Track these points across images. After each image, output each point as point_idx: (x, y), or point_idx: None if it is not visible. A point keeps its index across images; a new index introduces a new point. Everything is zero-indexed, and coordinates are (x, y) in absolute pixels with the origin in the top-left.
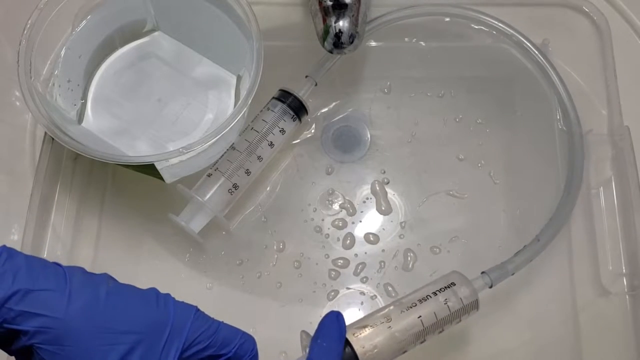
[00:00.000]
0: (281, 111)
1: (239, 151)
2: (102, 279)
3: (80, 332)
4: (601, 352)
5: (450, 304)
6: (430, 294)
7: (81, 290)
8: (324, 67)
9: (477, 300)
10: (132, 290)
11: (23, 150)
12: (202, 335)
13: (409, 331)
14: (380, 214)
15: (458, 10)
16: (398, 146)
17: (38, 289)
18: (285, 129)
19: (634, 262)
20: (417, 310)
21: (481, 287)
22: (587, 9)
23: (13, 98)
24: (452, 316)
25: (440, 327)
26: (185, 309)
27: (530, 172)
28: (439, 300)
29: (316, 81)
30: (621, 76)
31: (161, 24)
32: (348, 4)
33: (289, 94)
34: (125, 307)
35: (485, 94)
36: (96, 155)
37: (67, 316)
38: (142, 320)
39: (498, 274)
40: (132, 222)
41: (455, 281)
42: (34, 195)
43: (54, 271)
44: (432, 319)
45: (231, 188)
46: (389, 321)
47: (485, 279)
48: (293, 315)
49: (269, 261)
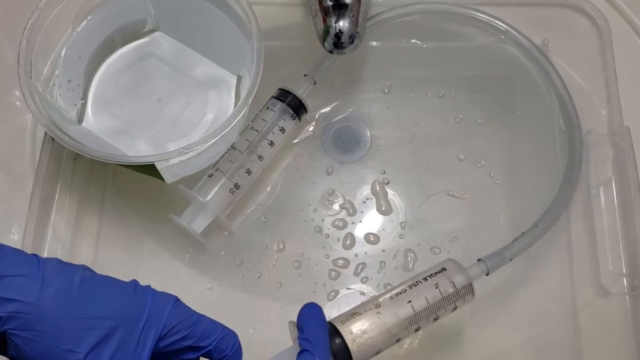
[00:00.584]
0: (281, 110)
1: (239, 151)
2: (77, 267)
3: (53, 318)
4: (601, 352)
5: (442, 288)
6: (420, 280)
7: (55, 276)
8: (323, 65)
9: (471, 284)
10: (109, 279)
11: (23, 150)
12: (181, 324)
13: (399, 317)
14: (381, 214)
15: (458, 9)
16: (398, 146)
17: (10, 274)
18: (285, 128)
19: (634, 262)
20: (407, 296)
21: (477, 274)
22: (587, 9)
23: (13, 98)
24: (445, 301)
25: (433, 313)
26: (164, 297)
27: (530, 172)
28: (429, 285)
29: (315, 80)
30: (621, 76)
31: (161, 24)
32: (348, 4)
33: (288, 93)
34: (101, 293)
35: (485, 94)
36: (96, 155)
37: (40, 301)
38: (118, 306)
39: (495, 261)
40: (132, 222)
41: (447, 267)
42: (34, 195)
43: (28, 259)
44: (424, 303)
45: (232, 188)
46: (377, 307)
47: (482, 266)
48: (293, 315)
49: (269, 261)
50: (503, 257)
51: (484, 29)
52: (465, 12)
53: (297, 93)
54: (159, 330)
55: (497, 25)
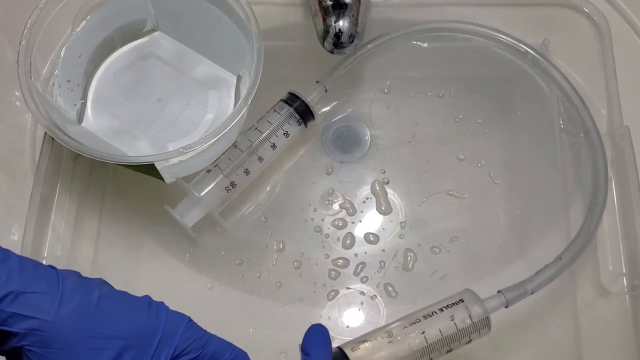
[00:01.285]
0: (287, 114)
1: (240, 150)
2: (95, 283)
3: (69, 336)
4: (601, 352)
5: (457, 320)
6: (436, 310)
7: (73, 294)
8: (336, 74)
9: (488, 318)
10: (124, 296)
11: (23, 150)
12: (193, 345)
13: (411, 347)
14: (380, 214)
15: (458, 25)
16: (398, 146)
17: (30, 291)
18: (289, 132)
19: (634, 262)
20: (420, 326)
21: (495, 306)
22: (587, 9)
23: (13, 98)
24: (459, 334)
25: (447, 346)
26: (177, 317)
27: (530, 172)
28: (444, 317)
29: (327, 87)
30: (621, 76)
31: (161, 24)
32: (348, 4)
33: (297, 98)
34: (117, 312)
35: (485, 94)
36: (96, 155)
37: (57, 319)
38: (132, 326)
39: (515, 294)
40: (132, 222)
41: (464, 298)
42: (34, 195)
43: (47, 273)
44: (437, 335)
45: (229, 186)
46: (390, 336)
47: (501, 298)
48: (293, 315)
49: (269, 261)
50: (524, 290)
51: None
52: (470, 28)
53: (307, 99)
54: (172, 350)
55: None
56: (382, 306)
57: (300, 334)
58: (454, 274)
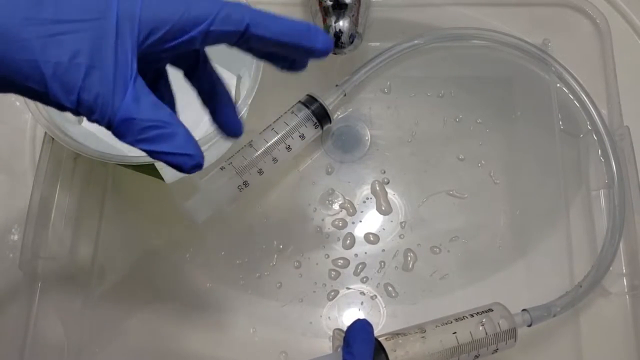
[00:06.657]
0: (304, 117)
1: (255, 149)
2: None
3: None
4: (601, 352)
5: (487, 326)
6: (467, 315)
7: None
8: (355, 79)
9: (514, 329)
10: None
11: (23, 150)
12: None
13: (443, 345)
14: (380, 214)
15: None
16: (398, 146)
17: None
18: (305, 135)
19: (634, 262)
20: (452, 327)
21: (519, 323)
22: (587, 9)
23: (13, 98)
24: (487, 340)
25: (475, 350)
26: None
27: (530, 172)
28: (475, 322)
29: (345, 92)
30: (621, 76)
31: None
32: (348, 4)
33: (315, 101)
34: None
35: (485, 94)
36: (96, 155)
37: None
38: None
39: (540, 314)
40: (131, 222)
41: (494, 308)
42: (34, 195)
43: None
44: (468, 337)
45: (241, 185)
46: (422, 332)
47: (525, 316)
48: (293, 315)
49: (269, 261)
50: (549, 311)
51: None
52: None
53: (325, 102)
54: (135, 33)
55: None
56: (382, 306)
57: (300, 334)
58: (454, 274)
